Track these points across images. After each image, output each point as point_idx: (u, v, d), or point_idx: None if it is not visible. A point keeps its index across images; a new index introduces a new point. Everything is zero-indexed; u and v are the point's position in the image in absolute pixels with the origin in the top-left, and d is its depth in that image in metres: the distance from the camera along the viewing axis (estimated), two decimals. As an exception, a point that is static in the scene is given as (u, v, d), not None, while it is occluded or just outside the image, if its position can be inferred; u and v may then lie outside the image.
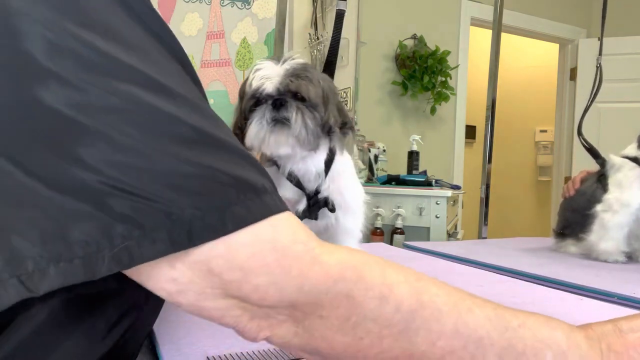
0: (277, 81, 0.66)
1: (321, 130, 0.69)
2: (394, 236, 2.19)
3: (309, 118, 0.67)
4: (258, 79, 0.67)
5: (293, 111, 0.66)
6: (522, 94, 4.96)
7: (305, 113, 0.66)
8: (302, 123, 0.66)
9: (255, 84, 0.67)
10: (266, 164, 0.75)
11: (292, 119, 0.66)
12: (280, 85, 0.66)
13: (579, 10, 4.03)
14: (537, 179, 5.06)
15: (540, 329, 0.38)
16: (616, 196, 1.13)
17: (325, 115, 0.68)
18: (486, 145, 1.98)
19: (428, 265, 1.07)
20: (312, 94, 0.66)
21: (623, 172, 1.16)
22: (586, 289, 0.89)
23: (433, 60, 3.15)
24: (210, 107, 0.37)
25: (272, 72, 0.67)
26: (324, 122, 0.68)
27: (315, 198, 0.76)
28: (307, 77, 0.67)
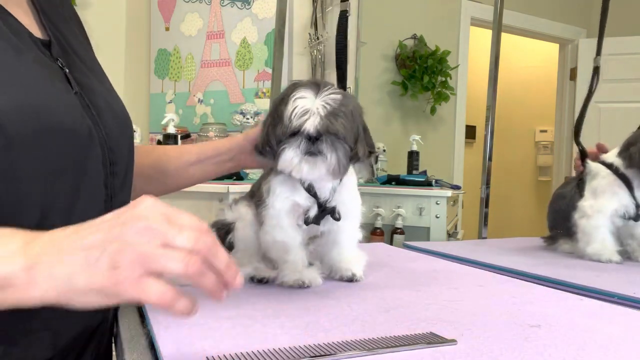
0: (318, 122, 0.70)
1: (350, 161, 0.75)
2: (394, 236, 2.19)
3: (341, 153, 0.72)
4: (299, 115, 0.70)
5: (328, 146, 0.71)
6: (522, 94, 4.96)
7: (339, 148, 0.71)
8: (335, 157, 0.71)
9: (296, 123, 0.71)
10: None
11: (327, 153, 0.71)
12: (321, 127, 0.70)
13: (579, 10, 4.03)
14: (537, 179, 5.06)
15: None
16: (590, 203, 1.15)
17: (356, 148, 0.74)
18: (486, 145, 1.98)
19: (428, 265, 1.07)
20: (348, 132, 0.71)
21: (597, 180, 1.17)
22: (586, 289, 0.89)
23: (433, 60, 3.15)
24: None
25: (311, 106, 0.70)
26: (353, 154, 0.74)
27: (325, 207, 0.81)
28: (344, 114, 0.71)
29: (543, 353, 0.54)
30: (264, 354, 0.51)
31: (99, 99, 0.66)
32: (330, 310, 0.69)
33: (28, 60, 0.57)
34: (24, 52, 0.57)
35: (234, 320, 0.63)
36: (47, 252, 0.41)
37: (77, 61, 0.67)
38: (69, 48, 0.67)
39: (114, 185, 0.67)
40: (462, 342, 0.57)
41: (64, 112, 0.58)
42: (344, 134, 0.71)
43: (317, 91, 0.72)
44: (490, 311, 0.70)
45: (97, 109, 0.65)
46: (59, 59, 0.63)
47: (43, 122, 0.54)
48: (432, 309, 0.71)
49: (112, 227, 0.42)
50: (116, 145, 0.67)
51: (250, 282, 0.86)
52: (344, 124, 0.71)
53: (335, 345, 0.54)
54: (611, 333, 0.62)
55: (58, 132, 0.56)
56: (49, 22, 0.66)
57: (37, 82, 0.57)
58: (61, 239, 0.42)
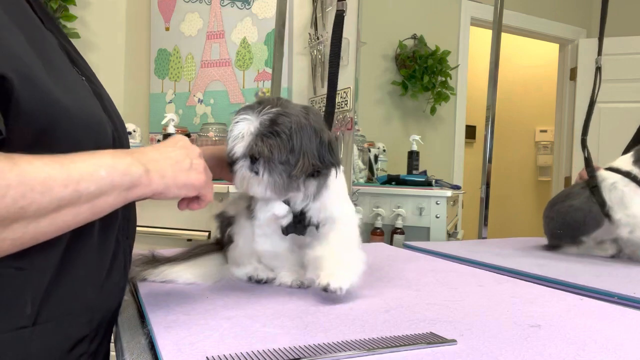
0: (246, 144, 0.73)
1: (296, 178, 0.74)
2: (394, 236, 2.19)
3: (275, 172, 0.73)
4: (233, 139, 0.74)
5: (261, 166, 0.73)
6: (522, 94, 4.96)
7: (272, 167, 0.73)
8: (267, 176, 0.73)
9: (230, 146, 0.75)
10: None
11: (260, 173, 0.73)
12: (245, 150, 0.73)
13: (579, 10, 4.03)
14: (537, 179, 5.06)
15: (90, 159, 0.54)
16: (627, 213, 1.16)
17: (298, 166, 0.73)
18: (486, 145, 1.98)
19: (428, 265, 1.07)
20: (278, 151, 0.72)
21: (619, 189, 1.18)
22: (586, 289, 0.89)
23: (433, 60, 3.15)
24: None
25: (244, 130, 0.73)
26: (297, 172, 0.73)
27: (302, 216, 0.81)
28: (275, 133, 0.72)
29: (543, 353, 0.54)
30: (264, 354, 0.51)
31: (107, 104, 0.71)
32: (330, 310, 0.69)
33: (68, 66, 0.63)
34: (63, 58, 0.63)
35: (233, 320, 0.64)
36: (151, 163, 0.60)
37: (82, 68, 0.71)
38: (72, 56, 0.71)
39: None
40: (462, 342, 0.57)
41: (99, 113, 0.64)
42: (269, 154, 0.72)
43: (258, 112, 0.74)
44: (490, 311, 0.70)
45: (107, 112, 0.69)
46: (75, 67, 0.68)
47: (91, 120, 0.61)
48: (432, 309, 0.71)
49: (182, 149, 0.66)
50: (125, 146, 0.73)
51: (249, 281, 0.86)
52: (272, 143, 0.72)
53: (335, 345, 0.54)
54: (611, 333, 0.62)
55: (99, 130, 0.62)
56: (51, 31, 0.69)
57: (78, 85, 0.63)
58: (152, 154, 0.62)
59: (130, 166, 0.57)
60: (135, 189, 0.57)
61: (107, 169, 0.54)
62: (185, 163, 0.64)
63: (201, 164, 0.67)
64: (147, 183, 0.58)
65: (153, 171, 0.59)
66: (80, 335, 0.63)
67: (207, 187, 0.68)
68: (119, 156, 0.57)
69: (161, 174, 0.60)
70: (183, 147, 0.66)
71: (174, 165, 0.63)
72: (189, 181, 0.64)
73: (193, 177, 0.64)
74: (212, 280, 0.86)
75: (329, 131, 0.77)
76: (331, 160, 0.76)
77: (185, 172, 0.64)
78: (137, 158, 0.58)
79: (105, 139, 0.63)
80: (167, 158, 0.63)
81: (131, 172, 0.57)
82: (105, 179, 0.53)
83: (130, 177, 0.56)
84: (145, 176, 0.58)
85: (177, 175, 0.62)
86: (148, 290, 0.79)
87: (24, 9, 0.59)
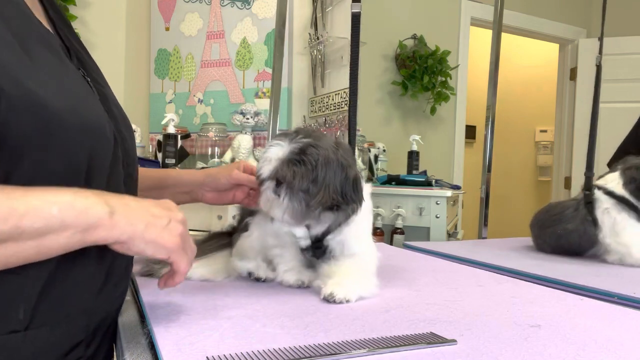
0: (272, 168, 0.76)
1: (314, 208, 0.75)
2: (394, 236, 2.19)
3: (295, 198, 0.75)
4: (262, 161, 0.78)
5: (282, 191, 0.76)
6: (522, 94, 4.96)
7: (294, 195, 0.75)
8: (288, 202, 0.75)
9: (258, 166, 0.79)
10: None
11: (280, 197, 0.76)
12: (270, 173, 0.76)
13: (579, 10, 4.03)
14: (537, 179, 5.06)
15: (46, 194, 0.51)
16: (615, 241, 1.17)
17: (317, 198, 0.74)
18: (486, 145, 1.98)
19: (428, 265, 1.07)
20: (301, 179, 0.74)
21: (612, 216, 1.18)
22: (586, 289, 0.89)
23: (433, 60, 3.15)
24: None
25: (274, 155, 0.76)
26: (315, 201, 0.75)
27: (320, 243, 0.83)
28: (302, 162, 0.74)
29: (543, 353, 0.54)
30: (264, 354, 0.51)
31: (112, 105, 0.71)
32: (330, 310, 0.69)
33: (68, 68, 0.62)
34: (64, 60, 0.62)
35: (234, 320, 0.64)
36: (121, 207, 0.55)
37: (89, 70, 0.71)
38: (80, 57, 0.71)
39: (130, 186, 0.71)
40: (462, 342, 0.57)
41: (98, 115, 0.63)
42: (290, 179, 0.74)
43: (290, 140, 0.76)
44: (490, 311, 0.70)
45: (111, 114, 0.69)
46: (80, 68, 0.67)
47: (87, 122, 0.59)
48: (432, 309, 0.71)
49: (166, 209, 0.60)
50: (130, 148, 0.72)
51: (248, 277, 0.87)
52: (296, 170, 0.73)
53: (335, 345, 0.54)
54: (611, 333, 0.62)
55: (97, 132, 0.61)
56: (62, 32, 0.69)
57: (77, 87, 0.62)
58: (128, 201, 0.57)
59: (91, 206, 0.52)
60: (94, 231, 0.52)
61: (61, 206, 0.50)
62: (162, 220, 0.58)
63: (179, 228, 0.60)
64: (109, 226, 0.53)
65: (120, 216, 0.54)
66: (76, 339, 0.62)
67: (180, 254, 0.60)
68: (83, 195, 0.53)
69: (130, 221, 0.55)
70: (167, 209, 0.61)
71: (148, 218, 0.57)
72: (159, 239, 0.57)
73: (165, 237, 0.58)
74: (225, 276, 0.88)
75: (356, 169, 0.79)
76: (353, 197, 0.77)
77: (158, 229, 0.57)
78: (105, 199, 0.54)
79: (103, 142, 0.62)
80: (144, 209, 0.58)
81: (91, 212, 0.52)
82: (56, 216, 0.50)
83: (87, 218, 0.52)
84: (108, 219, 0.53)
85: (148, 229, 0.56)
86: (148, 290, 0.79)
87: (19, 8, 0.59)
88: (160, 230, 0.57)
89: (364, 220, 0.83)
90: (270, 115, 1.84)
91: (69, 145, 0.56)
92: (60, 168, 0.56)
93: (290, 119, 2.71)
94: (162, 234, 0.57)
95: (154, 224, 0.57)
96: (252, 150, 2.47)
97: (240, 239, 0.90)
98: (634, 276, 1.04)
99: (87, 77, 0.68)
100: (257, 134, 2.61)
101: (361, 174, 0.81)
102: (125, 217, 0.55)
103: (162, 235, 0.57)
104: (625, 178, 1.19)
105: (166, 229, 0.58)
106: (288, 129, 0.80)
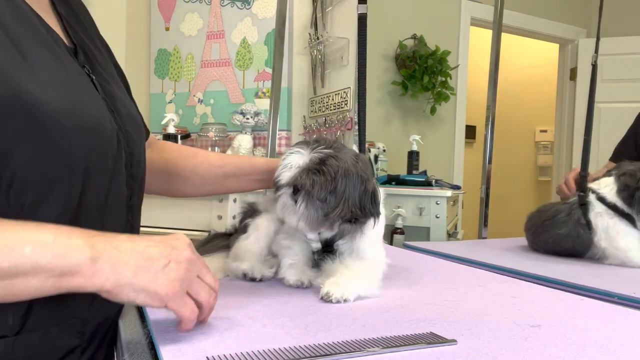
0: (291, 175, 0.76)
1: (332, 220, 0.76)
2: (394, 236, 2.19)
3: (312, 206, 0.75)
4: (281, 167, 0.78)
5: (300, 198, 0.76)
6: (522, 94, 4.96)
7: (311, 203, 0.75)
8: (304, 209, 0.75)
9: (277, 172, 0.79)
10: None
11: (298, 204, 0.76)
12: (289, 179, 0.77)
13: (579, 10, 4.03)
14: (537, 179, 5.06)
15: (26, 231, 0.48)
16: (611, 245, 1.17)
17: (337, 211, 0.75)
18: (486, 145, 1.98)
19: (428, 265, 1.07)
20: (319, 187, 0.74)
21: (606, 220, 1.18)
22: (586, 289, 0.89)
23: (433, 60, 3.15)
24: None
25: (294, 162, 0.77)
26: (334, 214, 0.75)
27: (330, 247, 0.83)
28: (321, 171, 0.74)
29: (543, 353, 0.54)
30: (264, 354, 0.51)
31: (120, 105, 0.70)
32: (331, 310, 0.69)
33: (68, 67, 0.61)
34: (63, 60, 0.61)
35: (233, 320, 0.64)
36: (109, 250, 0.50)
37: (99, 68, 0.70)
38: (90, 55, 0.70)
39: (133, 187, 0.71)
40: (462, 342, 0.57)
41: (99, 115, 0.62)
42: (309, 188, 0.74)
43: (311, 149, 0.77)
44: (490, 311, 0.70)
45: (118, 113, 0.68)
46: (85, 66, 0.66)
47: (85, 122, 0.58)
48: (432, 309, 0.71)
49: (167, 248, 0.53)
50: (135, 149, 0.71)
51: (244, 278, 0.87)
52: (315, 179, 0.74)
53: (335, 345, 0.54)
54: (611, 333, 0.62)
55: (96, 132, 0.60)
56: (72, 29, 0.69)
57: (77, 87, 0.61)
58: (119, 242, 0.51)
59: (72, 249, 0.48)
60: (70, 277, 0.48)
61: (36, 246, 0.47)
62: (157, 264, 0.52)
63: (179, 270, 0.53)
64: (88, 274, 0.48)
65: (105, 262, 0.49)
66: (70, 345, 0.61)
67: (177, 301, 0.52)
68: (67, 235, 0.49)
69: (116, 267, 0.49)
70: (171, 247, 0.54)
71: (139, 262, 0.51)
72: (151, 286, 0.51)
73: (159, 282, 0.51)
74: (224, 275, 0.89)
75: (374, 181, 0.79)
76: (372, 210, 0.78)
77: (151, 274, 0.51)
78: (92, 242, 0.49)
79: (103, 143, 0.61)
80: (138, 251, 0.52)
81: (69, 256, 0.48)
82: (29, 257, 0.46)
83: (64, 262, 0.47)
84: (88, 265, 0.48)
85: (138, 275, 0.50)
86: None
87: (16, 8, 0.58)
88: (154, 274, 0.51)
89: (375, 230, 0.84)
90: (270, 115, 1.84)
91: (65, 145, 0.55)
92: (56, 168, 0.55)
93: (290, 119, 2.71)
94: (155, 280, 0.51)
95: (146, 268, 0.51)
96: (252, 150, 2.47)
97: (238, 241, 0.90)
98: (634, 276, 1.04)
99: (92, 75, 0.66)
100: (257, 134, 2.61)
101: (378, 186, 0.81)
102: (110, 263, 0.49)
103: (155, 281, 0.51)
104: (619, 185, 1.18)
105: (162, 272, 0.52)
106: (307, 138, 0.80)
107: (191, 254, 0.55)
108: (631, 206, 1.15)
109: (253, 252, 0.87)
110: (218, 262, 0.91)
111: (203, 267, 0.57)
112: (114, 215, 0.65)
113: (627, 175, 1.18)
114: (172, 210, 1.86)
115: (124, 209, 0.69)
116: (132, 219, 0.72)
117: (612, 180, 1.21)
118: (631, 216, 1.16)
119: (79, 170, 0.58)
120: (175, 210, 1.85)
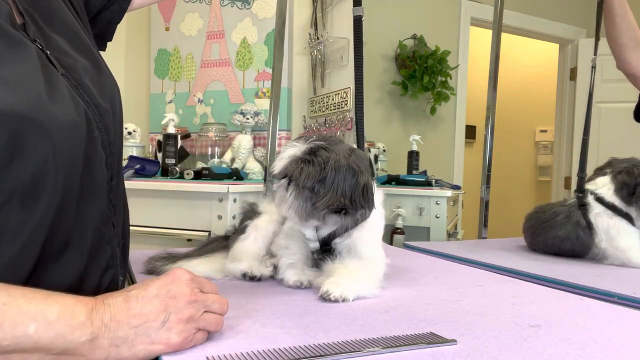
0: (282, 165, 0.77)
1: (320, 209, 0.76)
2: (394, 236, 2.19)
3: (301, 197, 0.76)
4: (277, 159, 0.79)
5: (290, 188, 0.77)
6: (522, 94, 4.96)
7: (300, 192, 0.76)
8: (293, 199, 0.76)
9: (273, 164, 0.80)
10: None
11: (287, 195, 0.77)
12: (282, 169, 0.78)
13: (579, 10, 4.02)
14: (537, 179, 5.06)
15: (30, 305, 0.47)
16: (611, 245, 1.17)
17: (324, 200, 0.75)
18: (486, 145, 1.98)
19: (428, 265, 1.07)
20: (307, 178, 0.75)
21: (605, 220, 1.18)
22: (586, 289, 0.89)
23: (433, 60, 3.15)
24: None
25: (287, 154, 0.78)
26: (321, 202, 0.75)
27: (328, 246, 0.83)
28: (310, 162, 0.75)
29: (543, 353, 0.54)
30: (264, 354, 0.51)
31: (85, 78, 0.65)
32: (330, 310, 0.69)
33: (21, 53, 0.56)
34: (15, 45, 0.56)
35: (233, 320, 0.64)
36: (107, 322, 0.50)
37: (59, 41, 0.65)
38: (47, 28, 0.65)
39: (113, 165, 0.67)
40: (462, 342, 0.57)
41: (61, 106, 0.57)
42: (297, 175, 0.75)
43: (305, 141, 0.78)
44: (490, 311, 0.70)
45: (84, 88, 0.64)
46: (37, 39, 0.61)
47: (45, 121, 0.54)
48: (432, 309, 0.71)
49: (164, 300, 0.53)
50: (110, 124, 0.67)
51: (243, 278, 0.87)
52: (304, 167, 0.75)
53: (335, 345, 0.54)
54: (611, 333, 0.62)
55: (60, 126, 0.56)
56: (29, 15, 0.63)
57: (32, 78, 0.56)
58: (116, 311, 0.51)
59: (74, 329, 0.48)
60: (70, 356, 0.48)
61: (40, 324, 0.46)
62: (157, 322, 0.52)
63: (179, 321, 0.53)
64: (88, 354, 0.49)
65: (104, 338, 0.49)
66: None
67: (186, 344, 0.53)
68: (70, 311, 0.49)
69: (114, 342, 0.50)
70: (170, 297, 0.54)
71: (138, 329, 0.51)
72: (152, 347, 0.51)
73: (161, 338, 0.52)
74: (224, 275, 0.90)
75: (368, 176, 0.79)
76: (362, 202, 0.77)
77: (152, 337, 0.51)
78: (92, 319, 0.49)
79: (72, 138, 0.57)
80: (134, 316, 0.52)
81: (70, 336, 0.48)
82: (31, 337, 0.46)
83: (65, 342, 0.47)
84: (87, 346, 0.48)
85: (135, 344, 0.51)
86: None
87: None
88: (154, 333, 0.52)
89: (374, 226, 0.84)
90: (270, 115, 1.84)
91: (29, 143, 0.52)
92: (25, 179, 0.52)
93: (290, 119, 2.71)
94: (155, 339, 0.51)
95: (145, 331, 0.51)
96: (252, 150, 2.47)
97: (237, 242, 0.90)
98: (634, 276, 1.04)
99: (47, 50, 0.61)
100: (257, 134, 2.61)
101: (374, 182, 0.81)
102: (109, 338, 0.50)
103: (156, 339, 0.52)
104: (617, 184, 1.18)
105: (162, 329, 0.52)
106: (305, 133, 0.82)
107: (191, 294, 0.55)
108: (631, 204, 1.15)
109: (251, 252, 0.88)
110: (217, 263, 0.91)
111: (207, 299, 0.57)
112: (97, 201, 0.62)
113: (624, 174, 1.17)
114: (171, 210, 1.86)
115: (105, 191, 0.65)
116: (114, 198, 0.67)
117: (608, 179, 1.20)
118: (630, 215, 1.15)
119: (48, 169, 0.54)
120: (175, 210, 1.85)
